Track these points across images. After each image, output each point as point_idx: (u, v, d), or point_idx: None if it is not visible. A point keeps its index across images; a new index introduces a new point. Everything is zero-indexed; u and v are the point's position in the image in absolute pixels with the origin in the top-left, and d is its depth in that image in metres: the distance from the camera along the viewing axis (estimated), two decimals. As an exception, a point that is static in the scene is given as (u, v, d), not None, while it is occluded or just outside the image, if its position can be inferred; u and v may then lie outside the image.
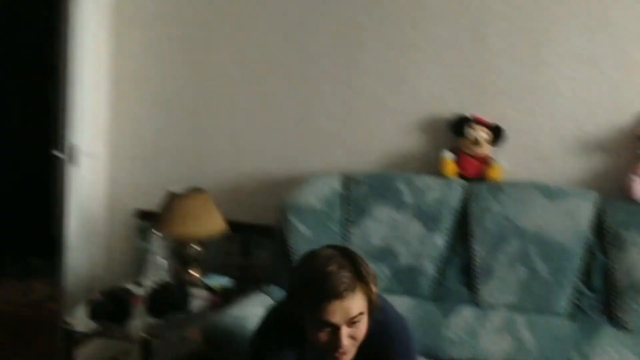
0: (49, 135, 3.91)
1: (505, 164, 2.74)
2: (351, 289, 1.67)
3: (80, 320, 2.57)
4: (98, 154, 3.29)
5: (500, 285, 2.54)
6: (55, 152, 3.18)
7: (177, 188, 2.97)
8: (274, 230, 2.80)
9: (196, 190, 2.96)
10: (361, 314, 1.71)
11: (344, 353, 1.72)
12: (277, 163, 3.10)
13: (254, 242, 3.11)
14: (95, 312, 2.53)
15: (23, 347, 3.56)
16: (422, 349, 2.51)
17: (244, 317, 2.41)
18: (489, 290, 2.55)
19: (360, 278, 1.70)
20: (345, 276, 1.68)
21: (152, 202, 3.22)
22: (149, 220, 3.13)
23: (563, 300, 2.50)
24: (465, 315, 2.55)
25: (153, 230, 2.83)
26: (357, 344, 1.75)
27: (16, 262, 4.64)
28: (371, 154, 2.97)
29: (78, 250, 3.21)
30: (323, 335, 1.71)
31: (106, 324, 2.54)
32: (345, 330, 1.69)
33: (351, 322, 1.70)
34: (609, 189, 2.66)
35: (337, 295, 1.66)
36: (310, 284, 1.70)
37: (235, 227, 3.03)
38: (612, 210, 2.53)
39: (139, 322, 2.55)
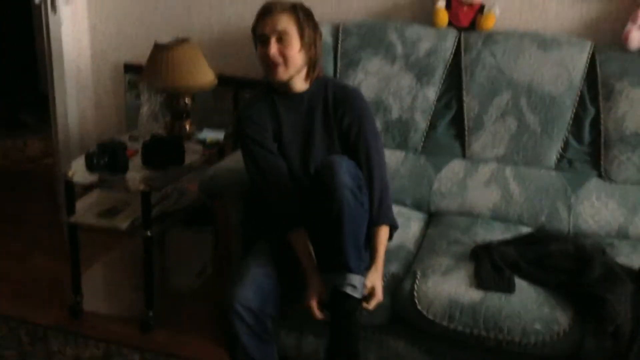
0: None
1: (499, 11, 2.67)
2: (282, 8, 2.08)
3: (78, 172, 2.61)
4: (78, 1, 3.18)
5: (491, 138, 2.56)
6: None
7: (163, 40, 2.90)
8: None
9: (183, 41, 2.89)
10: (287, 33, 2.06)
11: (275, 63, 2.08)
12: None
13: (245, 97, 3.08)
14: (93, 164, 2.57)
15: (25, 200, 3.66)
16: (413, 201, 2.60)
17: (238, 168, 2.45)
18: (479, 143, 2.58)
19: (293, 7, 2.10)
20: (281, 2, 2.10)
21: (138, 56, 3.17)
22: (137, 73, 3.09)
23: (552, 153, 2.53)
24: (455, 168, 2.59)
25: (142, 84, 2.80)
26: (288, 67, 2.09)
27: (9, 119, 4.64)
28: (361, 2, 2.87)
29: (68, 105, 3.20)
30: (261, 49, 2.10)
31: (104, 175, 2.59)
32: (273, 42, 2.06)
33: (279, 38, 2.06)
34: (604, 38, 2.61)
35: (269, 9, 2.08)
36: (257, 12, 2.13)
37: (225, 81, 3.00)
38: (605, 60, 2.49)
39: (136, 174, 2.60)
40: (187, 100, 2.90)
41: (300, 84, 2.17)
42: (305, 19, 2.11)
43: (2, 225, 3.39)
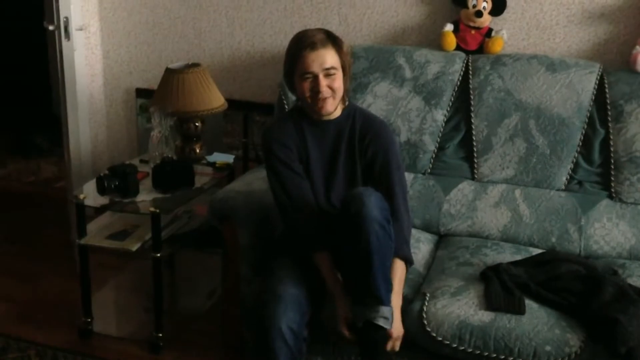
0: (41, 9, 3.85)
1: (506, 35, 2.69)
2: (323, 44, 2.08)
3: (89, 195, 2.63)
4: (91, 28, 3.23)
5: (500, 159, 2.56)
6: (48, 26, 3.12)
7: (174, 65, 2.94)
8: (274, 108, 2.82)
9: (194, 66, 2.93)
10: (334, 68, 2.09)
11: (324, 97, 2.11)
12: (274, 37, 3.04)
13: (254, 120, 3.11)
14: (104, 187, 2.59)
15: (38, 223, 3.69)
16: (422, 223, 2.59)
17: (248, 191, 2.48)
18: (488, 165, 2.58)
19: (332, 39, 2.12)
20: (318, 35, 2.11)
21: (150, 80, 3.22)
22: (148, 98, 3.13)
23: (562, 174, 2.53)
24: (464, 189, 2.59)
25: (153, 108, 2.83)
26: (336, 98, 2.13)
27: (24, 143, 4.70)
28: (370, 27, 2.91)
29: (80, 129, 3.23)
30: (307, 85, 2.10)
31: (115, 198, 2.61)
32: (322, 78, 2.08)
33: (327, 73, 2.08)
34: (613, 61, 2.62)
35: (312, 46, 2.07)
36: (292, 44, 2.14)
37: (235, 105, 3.03)
38: (614, 82, 2.50)
39: (146, 197, 2.62)
40: (197, 124, 2.93)
41: (335, 112, 2.20)
42: (343, 49, 2.14)
43: (14, 247, 3.41)
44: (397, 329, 2.01)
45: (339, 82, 2.12)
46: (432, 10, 2.81)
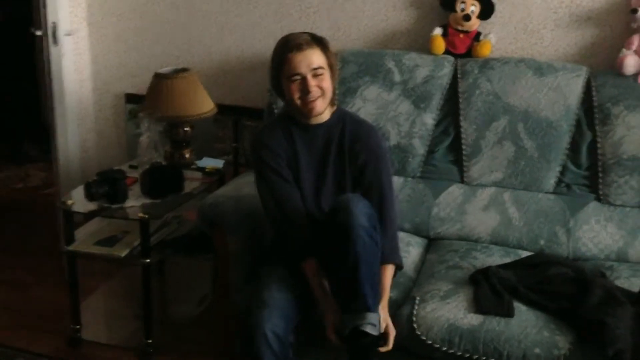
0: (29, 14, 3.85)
1: (494, 38, 2.71)
2: (309, 45, 2.09)
3: (78, 201, 2.62)
4: (79, 33, 3.22)
5: (489, 162, 2.57)
6: (36, 31, 3.11)
7: (163, 70, 2.94)
8: (264, 113, 2.82)
9: (183, 71, 2.93)
10: (322, 67, 2.09)
11: (313, 99, 2.10)
12: (264, 42, 3.04)
13: (245, 125, 3.11)
14: (92, 193, 2.58)
15: (26, 230, 3.67)
16: (412, 227, 2.60)
17: (238, 196, 2.47)
18: (477, 168, 2.59)
19: (317, 40, 2.12)
20: (303, 37, 2.11)
21: (139, 86, 3.21)
22: (138, 103, 3.12)
23: (550, 177, 2.54)
24: (453, 193, 2.60)
25: (142, 113, 2.82)
26: (325, 98, 2.13)
27: (12, 150, 4.68)
28: (359, 31, 2.91)
29: (69, 135, 3.22)
30: (295, 87, 2.10)
31: (104, 204, 2.60)
32: (310, 78, 2.08)
33: (315, 74, 2.08)
34: (600, 64, 2.64)
35: (298, 47, 2.08)
36: (278, 47, 2.14)
37: (225, 110, 3.03)
38: (601, 85, 2.51)
39: (135, 203, 2.61)
40: (186, 129, 2.92)
41: (324, 115, 2.19)
42: (329, 49, 2.14)
43: (2, 254, 3.39)
44: (391, 330, 2.02)
45: (327, 82, 2.12)
46: (421, 15, 2.82)
